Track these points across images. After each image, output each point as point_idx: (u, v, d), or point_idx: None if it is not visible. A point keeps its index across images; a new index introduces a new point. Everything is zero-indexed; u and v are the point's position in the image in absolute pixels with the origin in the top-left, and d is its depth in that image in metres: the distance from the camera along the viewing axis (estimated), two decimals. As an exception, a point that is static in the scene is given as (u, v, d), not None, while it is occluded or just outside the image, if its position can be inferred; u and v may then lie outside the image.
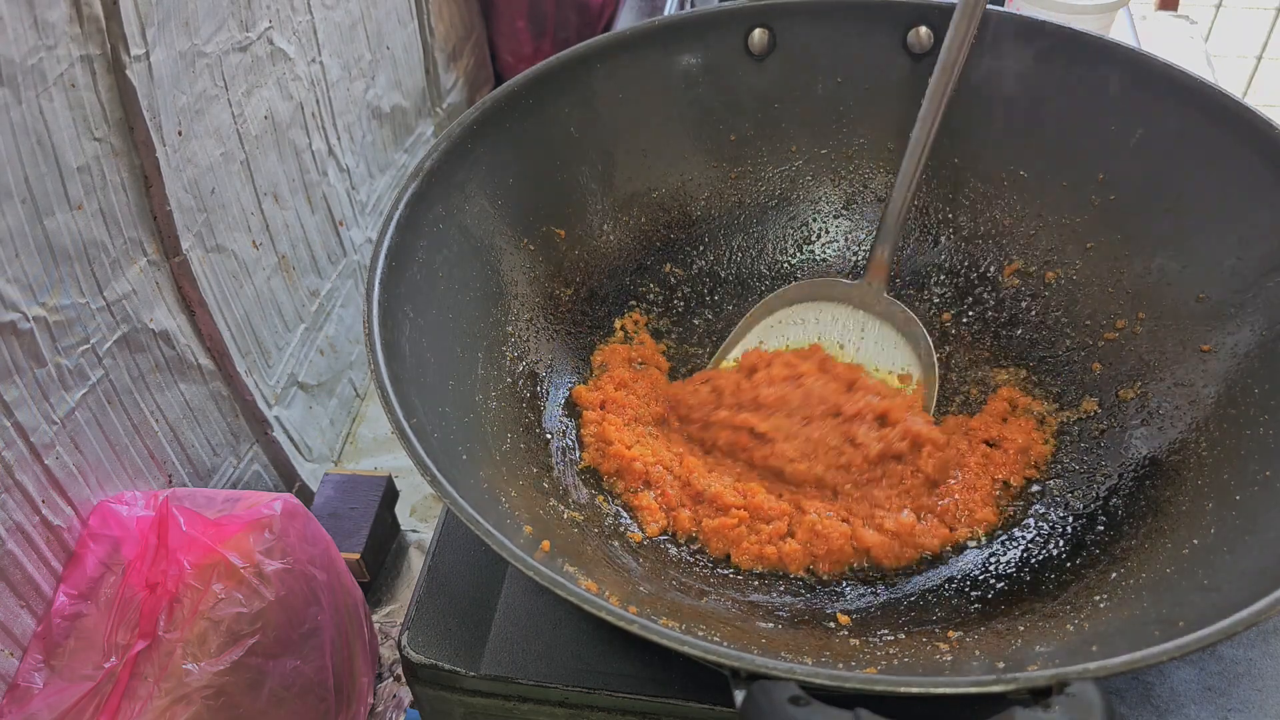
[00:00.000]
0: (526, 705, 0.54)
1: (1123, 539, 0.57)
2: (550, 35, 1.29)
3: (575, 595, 0.43)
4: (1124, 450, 0.62)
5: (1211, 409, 0.59)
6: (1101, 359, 0.66)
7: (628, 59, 0.71)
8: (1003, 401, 0.66)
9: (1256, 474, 0.53)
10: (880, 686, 0.40)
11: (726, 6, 0.72)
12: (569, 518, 0.58)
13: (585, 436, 0.64)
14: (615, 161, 0.72)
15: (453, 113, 1.23)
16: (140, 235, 0.71)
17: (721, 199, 0.75)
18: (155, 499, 0.68)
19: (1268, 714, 0.51)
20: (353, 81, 0.99)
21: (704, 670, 0.51)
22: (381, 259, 0.56)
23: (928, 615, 0.56)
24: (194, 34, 0.73)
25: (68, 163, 0.62)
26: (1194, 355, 0.61)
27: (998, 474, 0.63)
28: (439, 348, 0.58)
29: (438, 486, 0.46)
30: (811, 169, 0.76)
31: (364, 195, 1.05)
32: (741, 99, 0.74)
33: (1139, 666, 0.40)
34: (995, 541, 0.60)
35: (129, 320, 0.70)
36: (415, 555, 0.92)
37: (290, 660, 0.67)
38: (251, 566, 0.65)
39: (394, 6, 1.06)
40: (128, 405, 0.71)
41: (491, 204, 0.65)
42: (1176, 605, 0.48)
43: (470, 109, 0.65)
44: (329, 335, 0.99)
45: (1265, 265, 0.59)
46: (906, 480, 0.62)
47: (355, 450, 1.03)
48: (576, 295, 0.70)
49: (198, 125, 0.75)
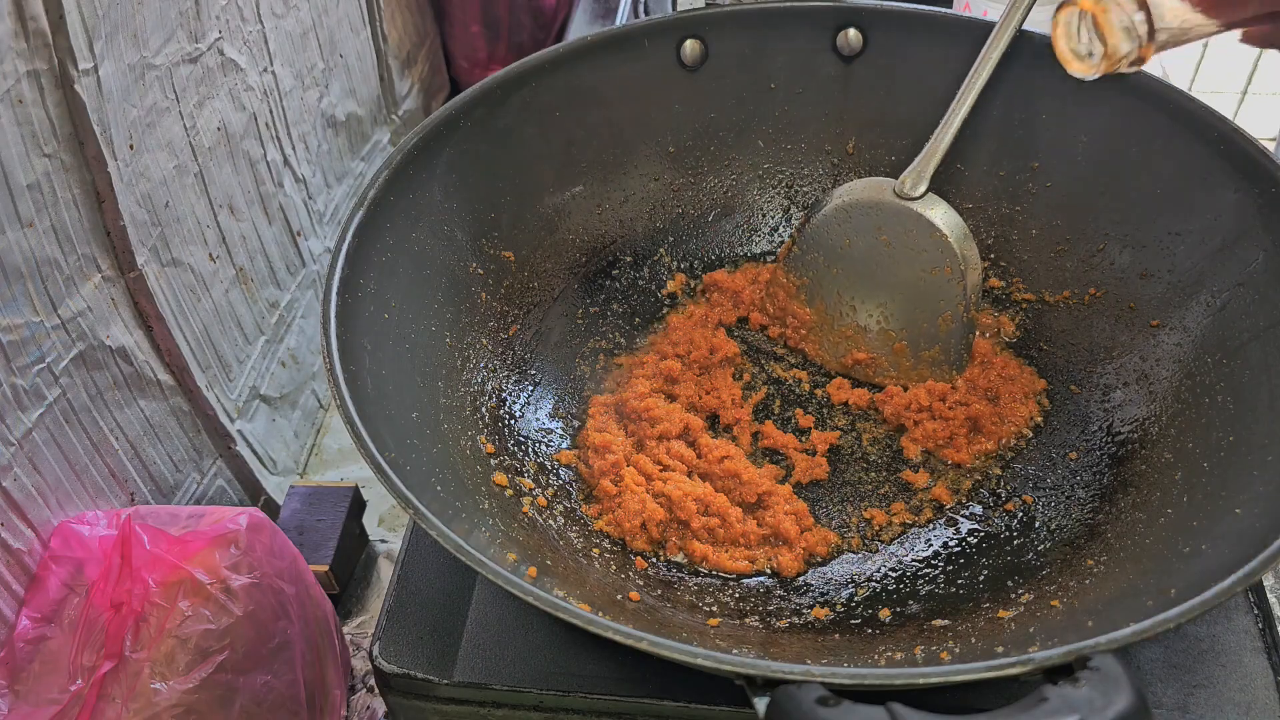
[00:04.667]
0: (501, 711, 0.54)
1: (1098, 515, 0.58)
2: (505, 40, 1.28)
3: (580, 618, 0.43)
4: (1088, 428, 0.63)
5: (1168, 382, 0.61)
6: (1052, 341, 0.68)
7: (561, 77, 0.71)
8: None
9: (1220, 440, 0.55)
10: (899, 680, 0.40)
11: (658, 19, 0.73)
12: (546, 538, 0.58)
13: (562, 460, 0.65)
14: (557, 179, 0.72)
15: (408, 120, 1.23)
16: (94, 251, 0.70)
17: (665, 210, 0.76)
18: (118, 518, 0.67)
19: (1231, 689, 0.52)
20: (306, 91, 0.98)
21: (678, 670, 0.51)
22: (334, 294, 0.55)
23: (906, 607, 0.56)
24: (143, 46, 0.72)
25: (17, 180, 0.62)
26: (1145, 331, 0.63)
27: (956, 457, 0.64)
28: (399, 380, 0.58)
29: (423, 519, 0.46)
30: (752, 175, 0.77)
31: (321, 205, 1.04)
32: (678, 110, 0.75)
33: (1149, 635, 0.41)
34: (963, 527, 0.61)
35: (85, 338, 0.69)
36: (385, 565, 0.91)
37: (261, 675, 0.67)
38: (218, 582, 0.65)
39: (345, 14, 1.05)
40: (86, 424, 0.70)
41: (438, 230, 0.65)
42: (1164, 574, 0.49)
43: (410, 133, 0.64)
44: (290, 347, 0.98)
45: (1209, 241, 0.61)
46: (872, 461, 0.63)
47: (320, 462, 1.02)
48: (528, 317, 0.70)
49: (149, 138, 0.74)
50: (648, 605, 0.55)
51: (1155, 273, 0.64)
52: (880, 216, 0.67)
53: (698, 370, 0.69)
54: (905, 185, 0.66)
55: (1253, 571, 0.42)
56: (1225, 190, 0.60)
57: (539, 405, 0.67)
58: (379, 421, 0.52)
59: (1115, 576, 0.52)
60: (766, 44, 0.74)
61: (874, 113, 0.74)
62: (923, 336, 0.67)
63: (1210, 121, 0.62)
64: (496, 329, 0.67)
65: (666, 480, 0.61)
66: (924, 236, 0.65)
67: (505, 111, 0.69)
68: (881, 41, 0.72)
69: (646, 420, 0.65)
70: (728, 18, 0.73)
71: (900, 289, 0.67)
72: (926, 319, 0.67)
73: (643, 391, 0.67)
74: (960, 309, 0.65)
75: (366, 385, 0.54)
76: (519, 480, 0.61)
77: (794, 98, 0.75)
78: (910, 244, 0.66)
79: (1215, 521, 0.50)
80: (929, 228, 0.65)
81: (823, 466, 0.65)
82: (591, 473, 0.63)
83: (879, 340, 0.68)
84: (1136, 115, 0.65)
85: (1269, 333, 0.56)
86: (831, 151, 0.76)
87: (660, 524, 0.60)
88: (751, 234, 0.77)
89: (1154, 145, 0.64)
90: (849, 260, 0.68)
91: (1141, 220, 0.65)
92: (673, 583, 0.58)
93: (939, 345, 0.66)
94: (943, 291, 0.66)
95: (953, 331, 0.66)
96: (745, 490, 0.62)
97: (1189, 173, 0.62)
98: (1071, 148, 0.68)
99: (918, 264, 0.66)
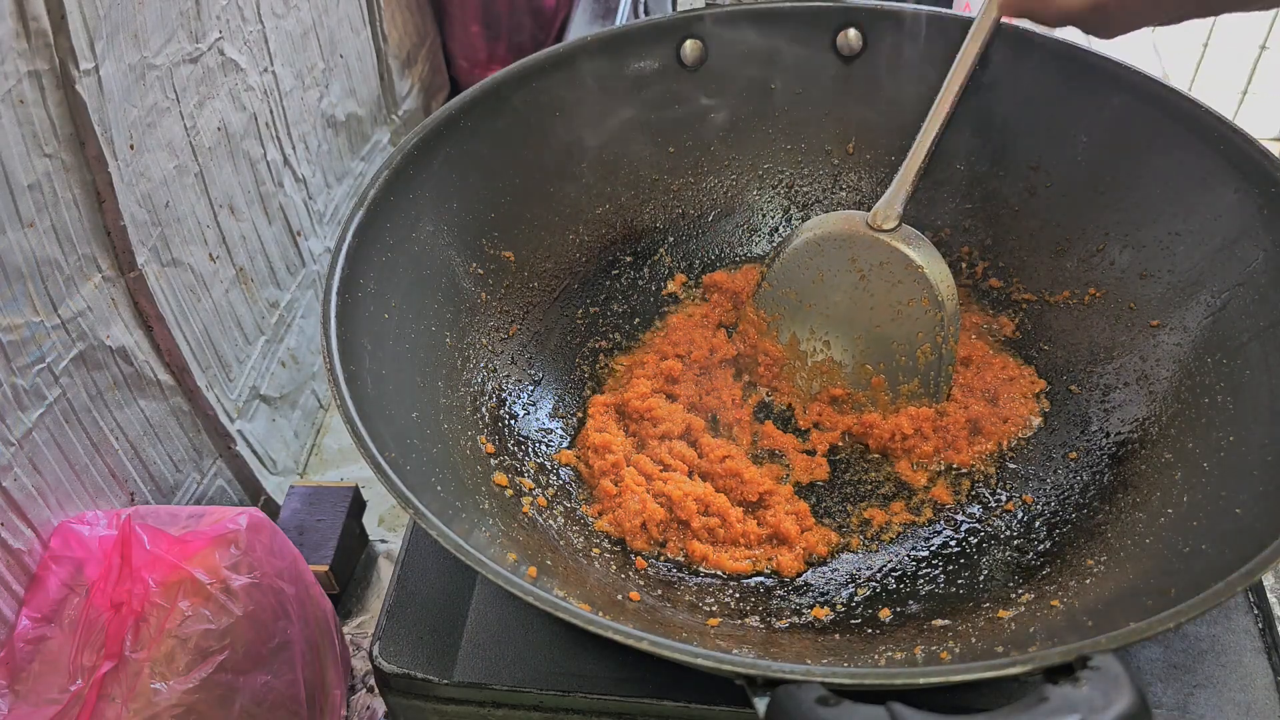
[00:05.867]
0: (501, 711, 0.54)
1: (1098, 515, 0.58)
2: (505, 39, 1.28)
3: (580, 618, 0.43)
4: (1088, 428, 0.63)
5: (1168, 382, 0.60)
6: (1052, 341, 0.68)
7: (561, 77, 0.71)
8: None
9: (1220, 440, 0.55)
10: (899, 680, 0.40)
11: (658, 19, 0.72)
12: (546, 538, 0.58)
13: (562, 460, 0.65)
14: (557, 179, 0.72)
15: (409, 120, 1.23)
16: (94, 251, 0.70)
17: (665, 210, 0.76)
18: (117, 518, 0.67)
19: (1231, 689, 0.52)
20: (306, 91, 0.98)
21: (678, 670, 0.51)
22: (334, 294, 0.55)
23: (906, 607, 0.56)
24: (143, 46, 0.72)
25: (18, 180, 0.62)
26: (1145, 331, 0.63)
27: (956, 458, 0.64)
28: (399, 380, 0.58)
29: (423, 519, 0.46)
30: (751, 175, 0.77)
31: (321, 205, 1.04)
32: (678, 111, 0.75)
33: (1149, 635, 0.41)
34: (963, 527, 0.60)
35: (85, 338, 0.69)
36: (384, 565, 0.91)
37: (261, 675, 0.67)
38: (218, 582, 0.65)
39: (346, 14, 1.05)
40: (86, 424, 0.70)
41: (437, 230, 0.65)
42: (1163, 574, 0.49)
43: (410, 133, 0.64)
44: (290, 347, 0.98)
45: (1209, 241, 0.61)
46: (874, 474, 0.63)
47: (320, 462, 1.02)
48: (528, 317, 0.70)
49: (150, 138, 0.74)
50: (648, 605, 0.55)
51: (1155, 273, 0.64)
52: (854, 249, 0.66)
53: (698, 370, 0.69)
54: (877, 218, 0.65)
55: (1253, 571, 0.42)
56: (1225, 190, 0.60)
57: (539, 405, 0.67)
58: (379, 421, 0.52)
59: (1115, 576, 0.52)
60: (766, 44, 0.73)
61: (874, 113, 0.74)
62: (901, 370, 0.66)
63: (1210, 121, 0.62)
64: (496, 329, 0.67)
65: (666, 480, 0.61)
66: (899, 268, 0.64)
67: (505, 111, 0.69)
68: (881, 41, 0.72)
69: (649, 420, 0.65)
70: (728, 18, 0.73)
71: (876, 322, 0.66)
72: (904, 352, 0.66)
73: (644, 392, 0.67)
74: (939, 340, 0.65)
75: (366, 385, 0.54)
76: (519, 480, 0.61)
77: (794, 98, 0.75)
78: (885, 276, 0.65)
79: (1215, 521, 0.50)
80: (904, 259, 0.64)
81: (823, 466, 0.65)
82: (591, 473, 0.63)
83: (856, 375, 0.68)
84: (1136, 115, 0.65)
85: (1269, 333, 0.56)
86: (831, 151, 0.76)
87: (660, 524, 0.60)
88: (751, 234, 0.77)
89: (1154, 145, 0.64)
90: (822, 295, 0.67)
91: (1141, 220, 0.65)
92: (673, 583, 0.58)
93: (918, 378, 0.66)
94: (920, 323, 0.65)
95: (931, 364, 0.65)
96: (746, 490, 0.62)
97: (1189, 173, 0.62)
98: (1071, 148, 0.68)
99: (893, 296, 0.65)
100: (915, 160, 0.65)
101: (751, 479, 0.62)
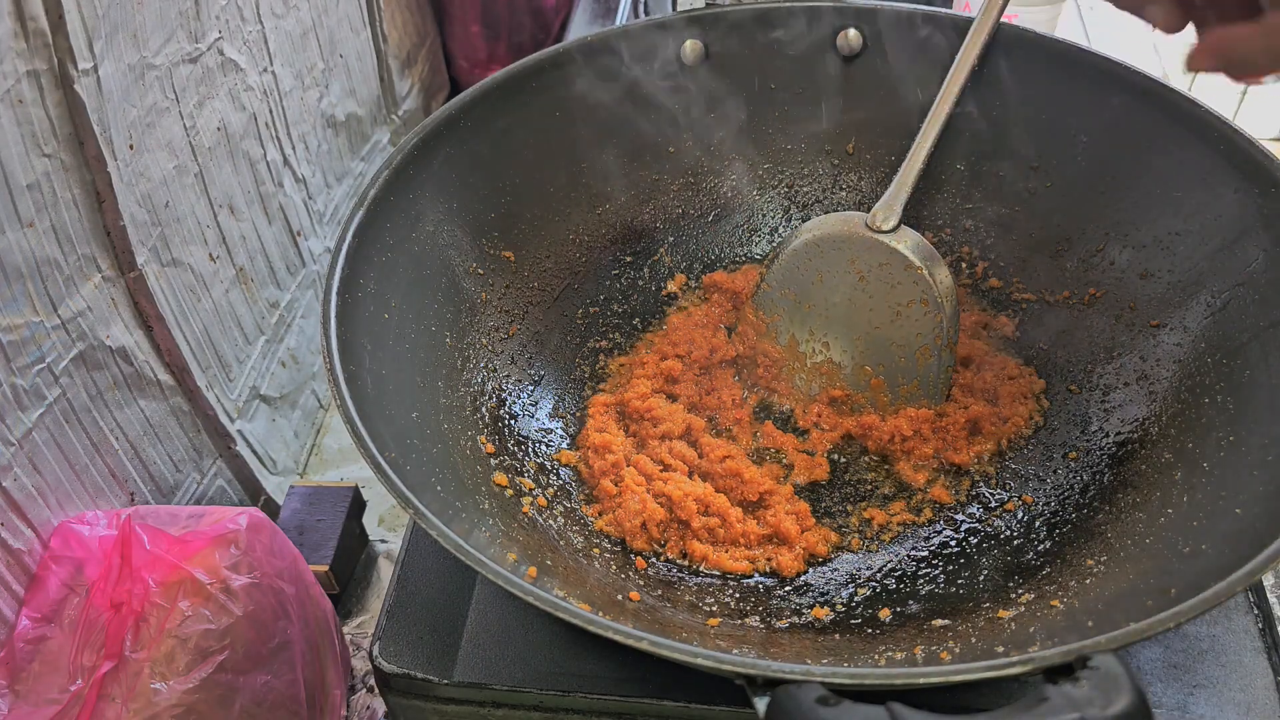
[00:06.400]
0: (501, 711, 0.54)
1: (1098, 515, 0.58)
2: (505, 40, 1.28)
3: (580, 618, 0.43)
4: (1088, 428, 0.63)
5: (1168, 382, 0.60)
6: (1052, 341, 0.68)
7: (561, 77, 0.71)
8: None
9: (1220, 440, 0.55)
10: (899, 680, 0.40)
11: (658, 19, 0.72)
12: (546, 538, 0.58)
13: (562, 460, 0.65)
14: (557, 179, 0.72)
15: (409, 120, 1.23)
16: (94, 251, 0.70)
17: (665, 210, 0.76)
18: (117, 518, 0.67)
19: (1231, 689, 0.52)
20: (306, 91, 0.98)
21: (678, 670, 0.51)
22: (334, 294, 0.55)
23: (906, 607, 0.56)
24: (143, 46, 0.72)
25: (17, 180, 0.62)
26: (1145, 331, 0.63)
27: (956, 458, 0.64)
28: (399, 380, 0.58)
29: (423, 519, 0.46)
30: (751, 175, 0.76)
31: (321, 205, 1.04)
32: (677, 110, 0.75)
33: (1149, 635, 0.41)
34: (963, 527, 0.60)
35: (85, 338, 0.69)
36: (384, 565, 0.91)
37: (261, 675, 0.67)
38: (218, 582, 0.64)
39: (346, 14, 1.05)
40: (86, 424, 0.70)
41: (437, 229, 0.65)
42: (1164, 574, 0.49)
43: (410, 133, 0.64)
44: (290, 347, 0.98)
45: (1209, 241, 0.61)
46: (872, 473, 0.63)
47: (321, 462, 1.02)
48: (528, 317, 0.70)
49: (149, 138, 0.74)
50: (648, 605, 0.55)
51: (1155, 273, 0.64)
52: (853, 250, 0.65)
53: (698, 370, 0.69)
54: (877, 219, 0.65)
55: (1253, 571, 0.42)
56: (1225, 190, 0.60)
57: (539, 405, 0.67)
58: (379, 421, 0.52)
59: (1115, 576, 0.52)
60: (766, 44, 0.73)
61: (874, 113, 0.74)
62: (900, 371, 0.66)
63: (1210, 121, 0.61)
64: (496, 329, 0.67)
65: (666, 480, 0.61)
66: (899, 270, 0.64)
67: (505, 111, 0.69)
68: (881, 41, 0.72)
69: (649, 420, 0.65)
70: (728, 18, 0.73)
71: (876, 323, 0.66)
72: (903, 353, 0.66)
73: (644, 392, 0.67)
74: (938, 342, 0.65)
75: (366, 385, 0.54)
76: (519, 480, 0.61)
77: (794, 98, 0.75)
78: (885, 278, 0.65)
79: (1215, 521, 0.50)
80: (904, 261, 0.64)
81: (823, 466, 0.65)
82: (591, 473, 0.63)
83: (855, 376, 0.68)
84: (1136, 115, 0.65)
85: (1269, 333, 0.56)
86: (831, 151, 0.76)
87: (660, 524, 0.60)
88: (751, 234, 0.77)
89: (1154, 145, 0.64)
90: (822, 296, 0.67)
91: (1142, 220, 0.65)
92: (673, 583, 0.58)
93: (917, 379, 0.66)
94: (919, 325, 0.65)
95: (930, 365, 0.65)
96: (747, 489, 0.62)
97: (1189, 173, 0.62)
98: (1071, 148, 0.68)
99: (893, 297, 0.65)
100: (915, 160, 0.65)
101: (751, 479, 0.62)
